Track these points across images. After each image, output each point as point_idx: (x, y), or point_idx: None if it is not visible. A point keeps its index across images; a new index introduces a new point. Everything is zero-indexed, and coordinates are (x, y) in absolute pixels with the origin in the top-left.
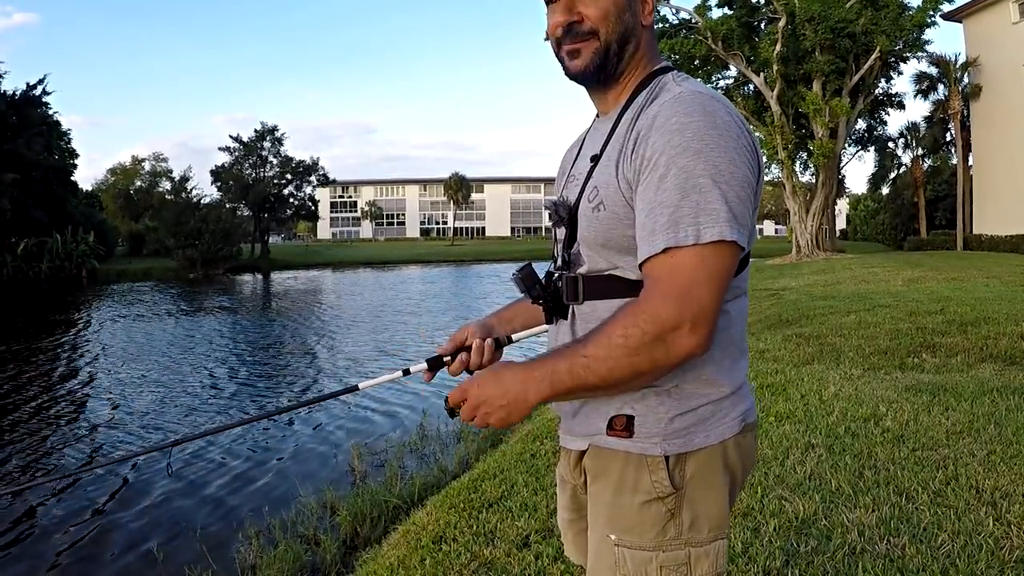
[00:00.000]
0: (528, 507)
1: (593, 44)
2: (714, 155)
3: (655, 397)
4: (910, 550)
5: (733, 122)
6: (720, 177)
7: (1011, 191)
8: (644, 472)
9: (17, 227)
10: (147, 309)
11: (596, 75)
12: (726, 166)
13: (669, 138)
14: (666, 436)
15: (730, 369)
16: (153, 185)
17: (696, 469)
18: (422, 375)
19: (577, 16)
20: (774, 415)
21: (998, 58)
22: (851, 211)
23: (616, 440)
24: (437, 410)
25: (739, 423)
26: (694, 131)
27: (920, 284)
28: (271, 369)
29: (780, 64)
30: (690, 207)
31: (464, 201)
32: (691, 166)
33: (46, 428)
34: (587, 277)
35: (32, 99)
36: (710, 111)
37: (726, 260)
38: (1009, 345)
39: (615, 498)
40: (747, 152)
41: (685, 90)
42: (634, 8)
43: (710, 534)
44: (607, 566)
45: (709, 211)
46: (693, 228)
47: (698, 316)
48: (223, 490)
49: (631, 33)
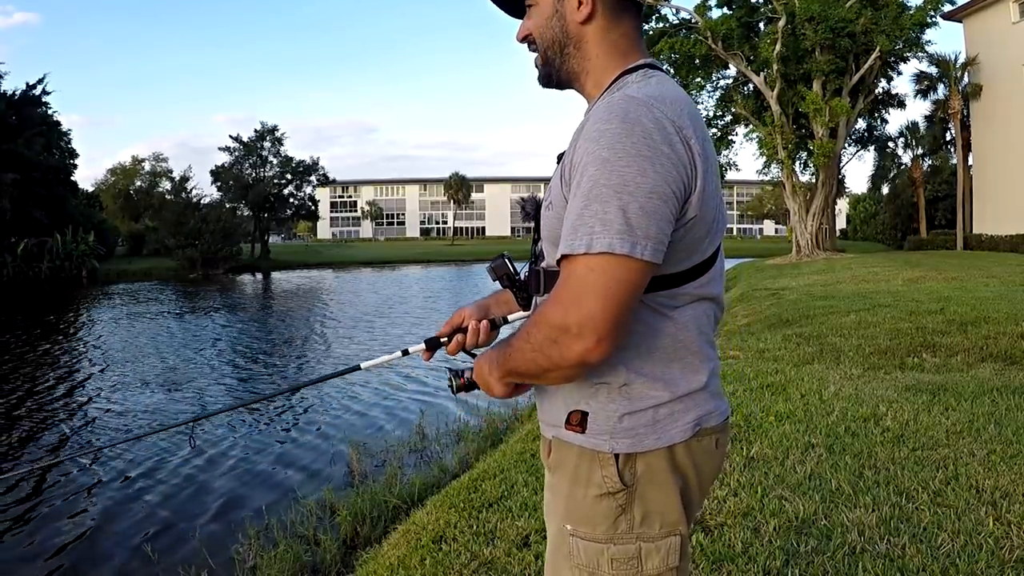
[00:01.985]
0: (528, 507)
1: (539, 57)
2: (621, 164)
3: (606, 395)
4: (910, 550)
5: (657, 130)
6: (624, 188)
7: (1011, 191)
8: (596, 467)
9: (17, 227)
10: (147, 309)
11: (546, 81)
12: (633, 176)
13: (587, 146)
14: (614, 435)
15: (682, 374)
16: (153, 185)
17: (645, 469)
18: (420, 355)
19: (523, 32)
20: (774, 415)
21: (998, 57)
22: (851, 211)
23: (572, 434)
24: (437, 410)
25: (692, 428)
26: (608, 140)
27: (920, 284)
28: (272, 370)
29: (780, 64)
30: (588, 216)
31: (464, 201)
32: (597, 175)
33: (45, 430)
34: (547, 271)
35: (32, 99)
36: (632, 119)
37: (619, 271)
38: (1009, 345)
39: (571, 489)
40: (667, 161)
41: (621, 95)
42: (561, 13)
43: (662, 530)
44: (563, 555)
45: (605, 221)
46: (586, 238)
47: (584, 323)
48: (222, 490)
49: (566, 37)
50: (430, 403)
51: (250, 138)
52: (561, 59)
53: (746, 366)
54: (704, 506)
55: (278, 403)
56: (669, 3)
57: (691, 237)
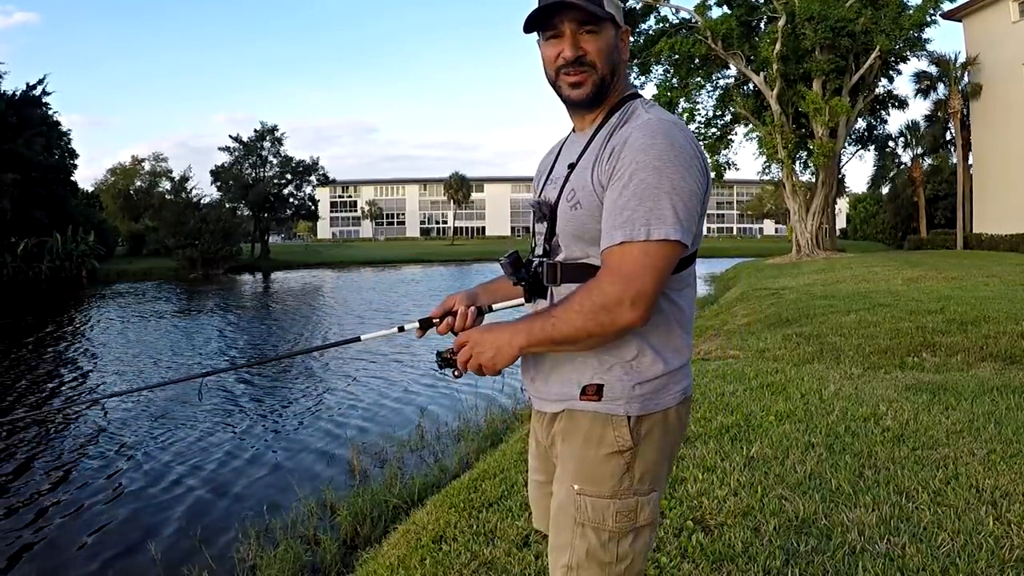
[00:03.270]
0: (528, 506)
1: (592, 76)
2: (669, 171)
3: (620, 369)
4: (910, 549)
5: (689, 145)
6: (672, 190)
7: (1011, 190)
8: (609, 429)
9: (17, 227)
10: (148, 309)
11: (593, 101)
12: (678, 181)
13: (635, 155)
14: (629, 400)
15: (678, 349)
16: (153, 185)
17: (648, 429)
18: (414, 332)
19: (582, 51)
20: (774, 414)
21: (998, 57)
22: (851, 211)
23: (587, 403)
24: (437, 410)
25: (681, 395)
26: (656, 152)
27: (920, 283)
28: (272, 368)
29: (780, 63)
30: (644, 211)
31: (464, 200)
32: (650, 179)
33: (47, 426)
34: (564, 264)
35: (32, 99)
36: (671, 136)
37: (668, 256)
38: (1009, 344)
39: (583, 452)
40: (697, 171)
41: (653, 117)
42: (619, 47)
43: (649, 487)
44: (569, 515)
45: (659, 216)
46: (644, 227)
47: (638, 296)
48: (223, 490)
49: (617, 68)
50: (430, 403)
51: (250, 138)
52: (612, 82)
53: (746, 365)
54: (704, 505)
55: (278, 403)
56: (669, 3)
57: (697, 230)
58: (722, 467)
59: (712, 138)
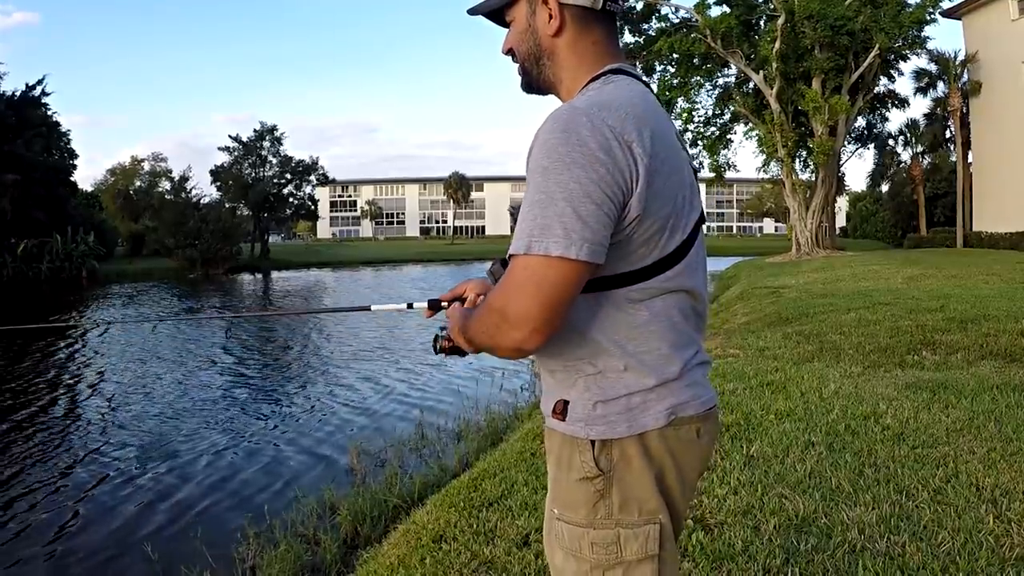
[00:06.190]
0: (528, 506)
1: (520, 67)
2: (557, 172)
3: (583, 383)
4: (910, 548)
5: (592, 138)
6: (561, 195)
7: (1011, 188)
8: (575, 452)
9: (17, 228)
10: (148, 310)
11: (527, 90)
12: (569, 183)
13: (533, 154)
14: (589, 422)
15: (655, 363)
16: (153, 185)
17: (621, 456)
18: (423, 312)
19: (507, 46)
20: (774, 413)
21: (997, 55)
22: (851, 209)
23: (556, 422)
24: (437, 409)
25: (666, 416)
26: (548, 149)
27: (920, 282)
28: (272, 368)
29: (779, 62)
30: (530, 220)
31: (464, 200)
32: (539, 182)
33: (47, 427)
34: None
35: (32, 99)
36: (570, 129)
37: (551, 272)
38: (1009, 342)
39: (556, 474)
40: (602, 168)
41: (566, 106)
42: (534, 27)
43: (641, 518)
44: (554, 537)
45: (543, 227)
46: (526, 240)
47: (519, 317)
48: (222, 489)
49: (539, 49)
50: (430, 403)
51: (249, 138)
52: (537, 69)
53: (746, 364)
54: (703, 504)
55: (278, 403)
56: (668, 2)
57: (643, 235)
58: (722, 466)
59: (711, 137)
